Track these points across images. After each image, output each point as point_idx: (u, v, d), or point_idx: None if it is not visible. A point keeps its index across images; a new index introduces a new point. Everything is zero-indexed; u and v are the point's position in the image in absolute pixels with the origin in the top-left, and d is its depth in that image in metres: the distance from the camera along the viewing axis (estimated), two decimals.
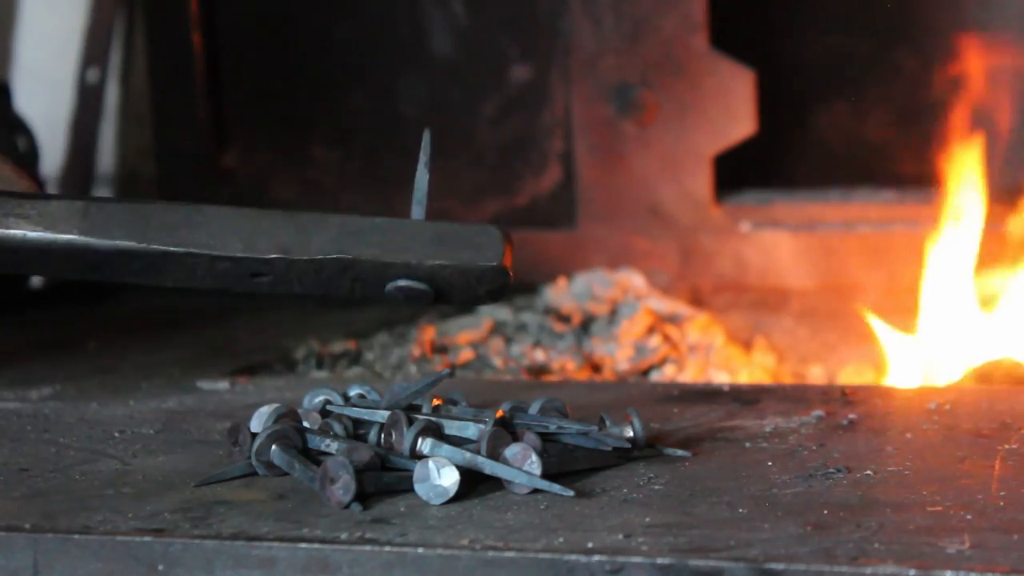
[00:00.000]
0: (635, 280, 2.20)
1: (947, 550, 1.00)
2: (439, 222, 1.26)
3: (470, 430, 1.22)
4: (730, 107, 2.24)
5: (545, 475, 1.17)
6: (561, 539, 1.05)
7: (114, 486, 1.23)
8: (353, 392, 1.36)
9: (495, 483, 1.17)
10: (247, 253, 1.23)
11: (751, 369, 2.15)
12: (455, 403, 1.33)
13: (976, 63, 2.28)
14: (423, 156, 1.35)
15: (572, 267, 2.24)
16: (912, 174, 2.21)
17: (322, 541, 1.07)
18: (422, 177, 1.32)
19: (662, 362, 2.04)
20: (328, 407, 1.30)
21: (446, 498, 1.15)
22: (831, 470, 1.21)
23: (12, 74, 2.68)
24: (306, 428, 1.26)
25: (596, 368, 2.02)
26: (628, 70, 2.27)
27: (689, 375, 2.03)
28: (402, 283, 1.24)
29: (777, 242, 2.24)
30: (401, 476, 1.17)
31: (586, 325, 2.10)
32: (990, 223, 2.08)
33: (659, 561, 1.01)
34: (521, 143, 2.34)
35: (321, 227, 1.24)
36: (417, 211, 1.28)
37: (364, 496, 1.15)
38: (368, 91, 2.45)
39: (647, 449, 1.27)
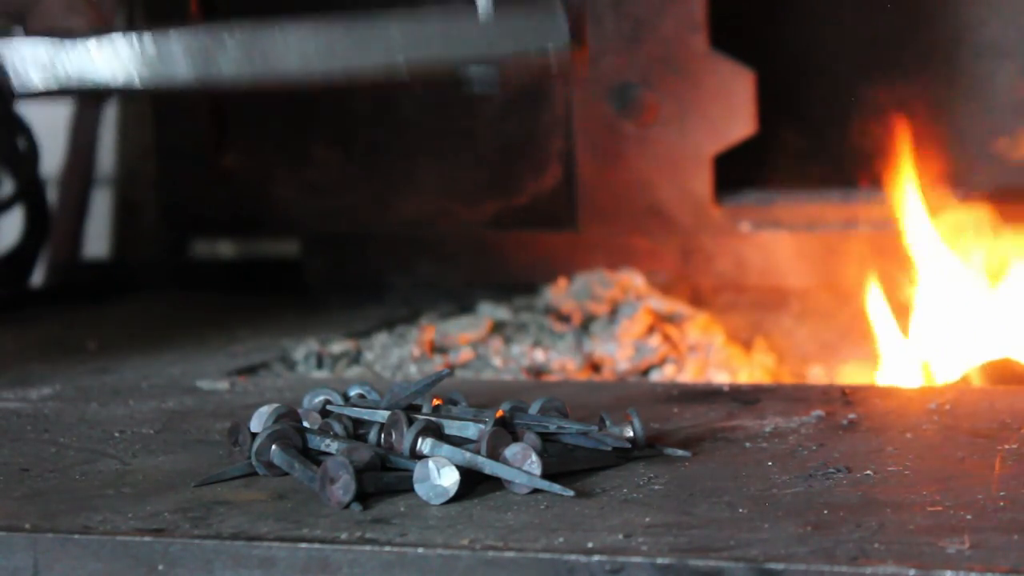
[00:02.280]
0: (635, 280, 2.20)
1: (947, 550, 1.00)
2: (500, 15, 1.21)
3: (470, 430, 1.22)
4: (730, 107, 2.24)
5: (545, 475, 1.17)
6: (561, 539, 1.05)
7: (114, 486, 1.23)
8: (353, 392, 1.36)
9: (495, 483, 1.17)
10: (308, 70, 1.22)
11: (751, 369, 2.15)
12: (455, 403, 1.33)
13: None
14: None
15: (572, 267, 2.24)
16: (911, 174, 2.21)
17: (322, 541, 1.07)
18: None
19: (662, 362, 2.04)
20: (328, 407, 1.30)
21: (446, 498, 1.15)
22: (831, 470, 1.21)
23: None
24: (306, 428, 1.26)
25: (596, 368, 2.02)
26: (628, 70, 2.27)
27: (689, 375, 2.03)
28: (476, 85, 1.22)
29: (777, 242, 2.24)
30: (401, 476, 1.17)
31: (586, 325, 2.10)
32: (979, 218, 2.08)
33: (659, 561, 1.01)
34: (521, 143, 2.34)
35: (381, 33, 1.21)
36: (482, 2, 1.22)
37: (364, 496, 1.15)
38: (368, 91, 2.45)
39: (647, 449, 1.27)
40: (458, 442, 1.21)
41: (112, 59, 1.21)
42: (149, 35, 1.21)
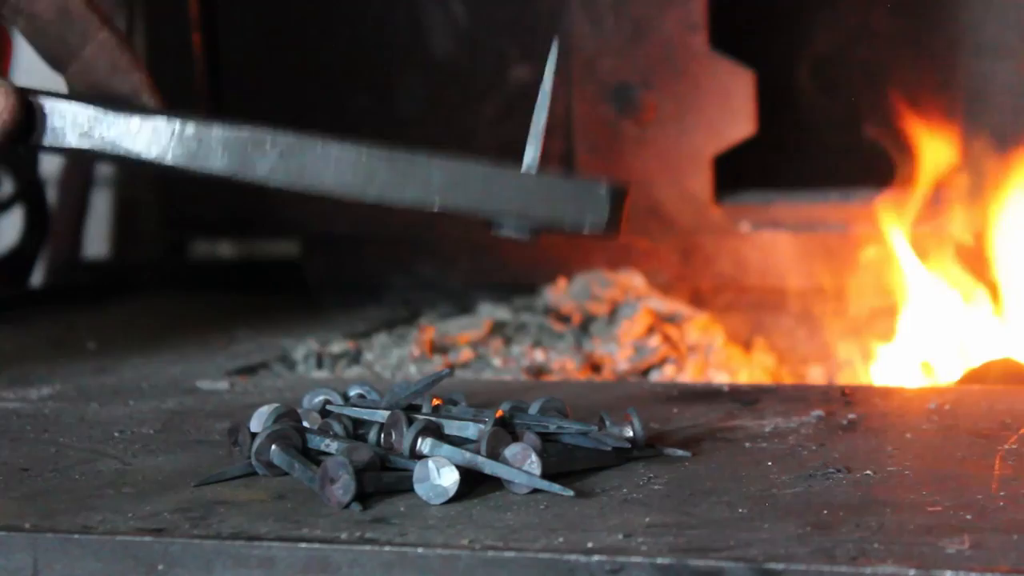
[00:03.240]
0: (635, 280, 2.20)
1: (947, 550, 1.00)
2: (544, 176, 1.21)
3: (470, 430, 1.22)
4: (730, 107, 2.24)
5: (545, 475, 1.17)
6: (561, 539, 1.05)
7: (114, 486, 1.23)
8: (353, 392, 1.36)
9: (495, 483, 1.17)
10: (341, 192, 1.23)
11: (751, 369, 2.15)
12: (455, 403, 1.33)
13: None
14: (546, 80, 1.28)
15: (572, 267, 2.24)
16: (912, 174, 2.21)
17: (322, 541, 1.07)
18: (541, 110, 1.26)
19: (662, 362, 2.04)
20: (328, 407, 1.30)
21: (446, 498, 1.15)
22: (831, 470, 1.21)
23: (12, 74, 2.68)
24: (306, 428, 1.26)
25: (596, 368, 2.02)
26: (628, 70, 2.27)
27: (689, 375, 2.03)
28: (503, 230, 1.23)
29: (777, 242, 2.24)
30: (401, 476, 1.17)
31: (586, 325, 2.11)
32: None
33: (659, 561, 1.01)
34: (521, 143, 2.33)
35: (421, 171, 1.22)
36: (530, 153, 1.23)
37: (364, 496, 1.15)
38: (368, 91, 2.46)
39: (647, 449, 1.27)
40: (458, 442, 1.21)
41: (151, 138, 1.22)
42: (192, 123, 1.22)
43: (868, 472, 1.20)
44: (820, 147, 2.32)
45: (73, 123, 1.23)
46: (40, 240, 2.58)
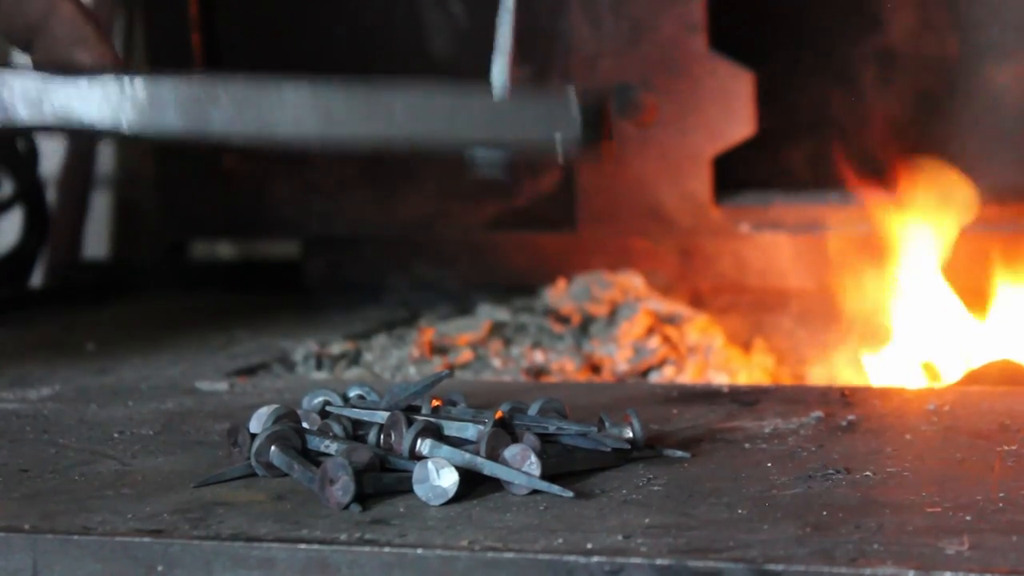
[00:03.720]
0: (634, 281, 2.20)
1: (946, 551, 1.00)
2: (513, 97, 1.16)
3: (469, 431, 1.22)
4: (729, 108, 2.24)
5: (544, 476, 1.17)
6: (560, 540, 1.06)
7: (113, 487, 1.23)
8: (352, 393, 1.36)
9: (494, 484, 1.17)
10: (302, 137, 1.20)
11: (750, 370, 2.15)
12: (454, 404, 1.33)
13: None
14: (505, 5, 1.21)
15: (571, 268, 2.24)
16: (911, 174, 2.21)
17: (321, 542, 1.07)
18: (505, 18, 1.21)
19: (661, 363, 2.04)
20: (327, 408, 1.30)
21: (445, 499, 1.15)
22: (830, 471, 1.21)
23: None
24: (305, 429, 1.26)
25: (595, 369, 2.02)
26: (627, 71, 2.27)
27: (688, 376, 2.03)
28: (478, 167, 1.19)
29: (777, 243, 2.24)
30: (400, 477, 1.17)
31: (585, 326, 2.11)
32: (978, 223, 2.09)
33: (658, 562, 1.01)
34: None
35: (383, 105, 1.18)
36: (497, 70, 1.18)
37: (363, 497, 1.15)
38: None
39: (646, 450, 1.27)
40: (457, 443, 1.21)
41: (101, 101, 1.18)
42: (142, 80, 1.18)
43: (867, 473, 1.20)
44: (819, 148, 2.32)
45: (23, 95, 1.20)
46: (40, 241, 2.58)
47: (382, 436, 1.23)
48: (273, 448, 1.22)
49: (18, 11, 1.23)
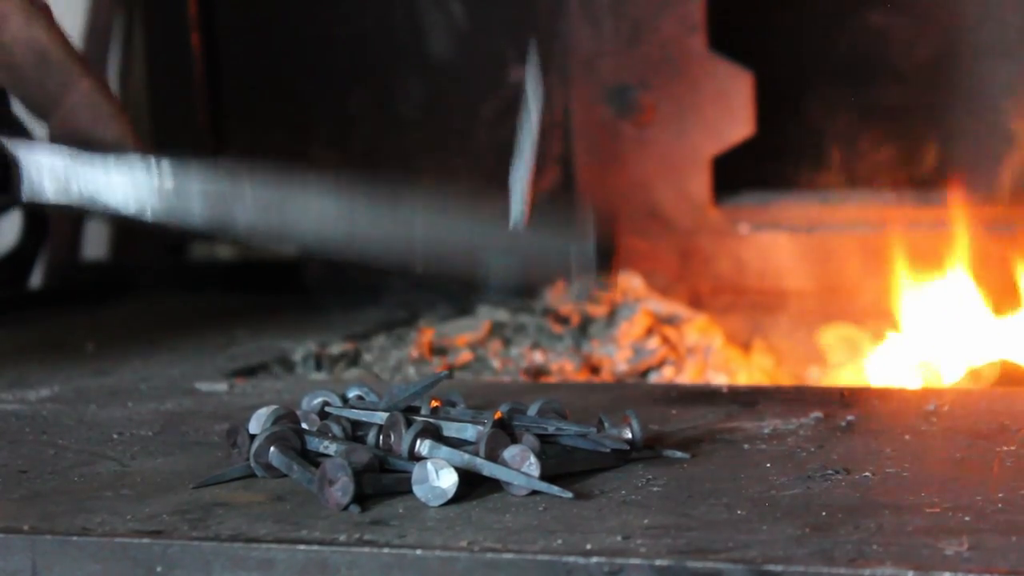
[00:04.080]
0: (633, 282, 2.20)
1: (945, 551, 1.00)
2: (530, 232, 1.17)
3: (468, 432, 1.22)
4: (728, 108, 2.24)
5: (543, 477, 1.17)
6: (560, 541, 1.05)
7: (113, 488, 1.23)
8: (352, 394, 1.36)
9: (494, 485, 1.17)
10: (322, 245, 1.21)
11: (750, 371, 2.15)
12: (454, 405, 1.33)
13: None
14: (527, 131, 1.23)
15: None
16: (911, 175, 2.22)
17: (320, 543, 1.07)
18: (522, 163, 1.21)
19: (660, 364, 2.04)
20: (327, 409, 1.30)
21: (444, 500, 1.15)
22: (829, 472, 1.21)
23: None
24: (305, 430, 1.26)
25: (594, 370, 2.02)
26: (626, 71, 2.27)
27: (687, 377, 2.03)
28: (489, 290, 1.21)
29: (776, 244, 2.24)
30: (400, 478, 1.17)
31: (584, 327, 2.10)
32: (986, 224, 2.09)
33: (657, 563, 1.01)
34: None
35: (404, 225, 1.19)
36: (515, 210, 1.18)
37: (363, 498, 1.15)
38: (367, 91, 2.46)
39: (646, 451, 1.26)
40: (456, 444, 1.21)
41: (128, 187, 1.20)
42: (169, 169, 1.20)
43: (867, 473, 1.20)
44: (819, 148, 2.32)
45: (51, 176, 1.22)
46: (39, 241, 2.58)
47: (381, 437, 1.23)
48: (272, 449, 1.22)
49: (39, 82, 1.24)
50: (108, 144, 1.23)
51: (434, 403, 1.30)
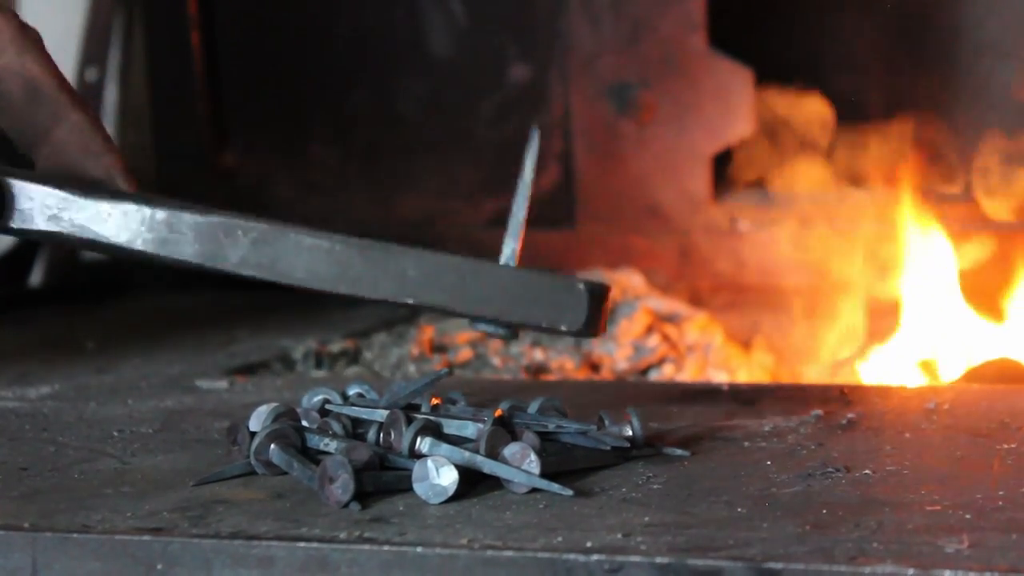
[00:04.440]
0: (634, 279, 2.20)
1: (946, 549, 1.00)
2: (524, 271, 1.18)
3: (469, 429, 1.22)
4: (729, 106, 2.24)
5: (544, 474, 1.16)
6: (560, 538, 1.05)
7: (113, 485, 1.23)
8: (352, 391, 1.36)
9: (494, 482, 1.17)
10: (313, 284, 1.21)
11: (750, 368, 2.15)
12: (454, 402, 1.33)
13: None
14: (527, 170, 1.25)
15: (571, 266, 2.24)
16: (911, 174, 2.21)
17: (321, 540, 1.07)
18: (520, 201, 1.23)
19: (661, 362, 2.04)
20: (327, 406, 1.30)
21: (445, 497, 1.15)
22: (830, 469, 1.21)
23: None
24: (305, 427, 1.26)
25: (595, 368, 2.02)
26: (627, 70, 2.27)
27: (688, 375, 2.03)
28: (479, 326, 1.21)
29: (776, 241, 2.24)
30: (400, 475, 1.17)
31: None
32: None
33: (658, 560, 1.01)
34: (520, 143, 2.33)
35: (396, 266, 1.20)
36: (508, 248, 1.20)
37: (363, 495, 1.15)
38: (368, 91, 2.46)
39: (646, 448, 1.26)
40: (457, 441, 1.21)
41: (120, 223, 1.20)
42: (163, 210, 1.19)
43: (867, 471, 1.20)
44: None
45: (42, 206, 1.21)
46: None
47: (381, 434, 1.23)
48: (273, 446, 1.22)
49: (28, 115, 1.23)
50: (97, 178, 1.23)
51: (434, 400, 1.30)
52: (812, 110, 2.18)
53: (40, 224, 1.21)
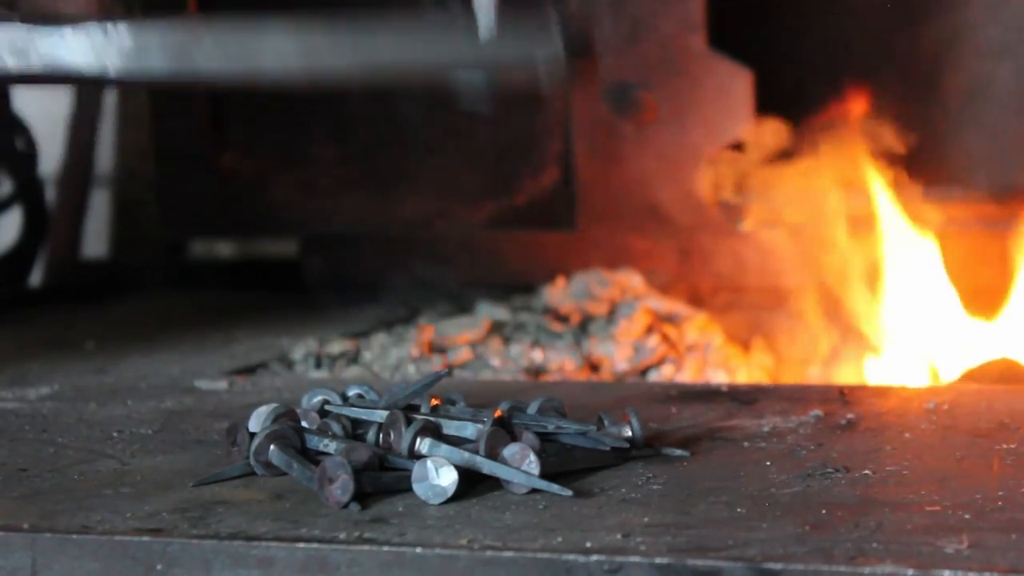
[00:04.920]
0: (633, 280, 2.20)
1: (945, 549, 1.00)
2: (495, 45, 1.18)
3: (468, 430, 1.22)
4: (728, 107, 2.24)
5: (543, 475, 1.17)
6: (559, 539, 1.06)
7: (112, 486, 1.23)
8: (352, 392, 1.36)
9: (493, 483, 1.17)
10: (285, 71, 1.20)
11: (749, 369, 2.15)
12: (454, 403, 1.33)
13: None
14: None
15: (571, 267, 2.24)
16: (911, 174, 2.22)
17: (320, 541, 1.07)
18: None
19: (660, 362, 2.04)
20: (327, 407, 1.30)
21: (444, 498, 1.15)
22: (829, 470, 1.21)
23: None
24: (304, 428, 1.26)
25: (594, 368, 2.02)
26: (627, 70, 2.27)
27: (687, 375, 2.03)
28: (464, 97, 1.19)
29: (776, 242, 2.24)
30: (399, 476, 1.17)
31: (584, 325, 2.11)
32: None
33: (657, 561, 1.01)
34: (520, 143, 2.34)
35: (365, 37, 1.18)
36: (483, 18, 1.20)
37: (362, 496, 1.15)
38: (367, 91, 2.45)
39: (645, 449, 1.27)
40: (456, 442, 1.21)
41: (86, 48, 1.19)
42: (125, 26, 1.19)
43: (867, 472, 1.20)
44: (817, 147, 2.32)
45: (10, 46, 1.21)
46: (39, 239, 2.58)
47: (381, 435, 1.23)
48: (272, 447, 1.22)
49: None
50: (73, 16, 1.22)
51: (434, 401, 1.30)
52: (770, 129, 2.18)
53: (11, 63, 1.21)
